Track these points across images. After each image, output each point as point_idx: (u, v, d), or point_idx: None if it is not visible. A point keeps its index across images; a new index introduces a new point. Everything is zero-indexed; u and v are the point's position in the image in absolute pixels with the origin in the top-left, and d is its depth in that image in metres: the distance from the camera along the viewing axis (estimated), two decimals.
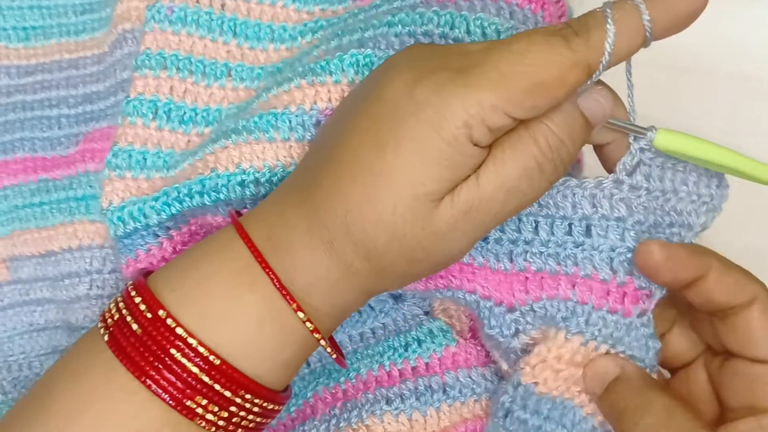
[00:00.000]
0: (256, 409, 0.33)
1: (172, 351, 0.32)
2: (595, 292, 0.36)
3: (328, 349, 0.35)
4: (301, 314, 0.33)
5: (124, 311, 0.34)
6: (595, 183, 0.36)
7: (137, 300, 0.33)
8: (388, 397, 0.40)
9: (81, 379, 0.33)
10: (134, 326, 0.32)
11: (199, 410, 0.32)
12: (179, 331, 0.32)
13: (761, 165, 0.33)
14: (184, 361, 0.32)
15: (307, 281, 0.33)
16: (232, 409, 0.33)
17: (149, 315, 0.32)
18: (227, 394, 0.32)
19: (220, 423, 0.32)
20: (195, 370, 0.32)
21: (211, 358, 0.32)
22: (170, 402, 0.31)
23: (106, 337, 0.33)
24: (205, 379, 0.32)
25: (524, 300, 0.37)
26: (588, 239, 0.36)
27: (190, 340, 0.32)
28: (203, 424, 0.32)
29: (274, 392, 0.34)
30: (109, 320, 0.34)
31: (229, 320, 0.33)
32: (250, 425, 0.34)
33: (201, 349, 0.32)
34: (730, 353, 0.34)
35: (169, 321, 0.32)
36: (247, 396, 0.33)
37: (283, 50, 0.46)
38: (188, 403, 0.32)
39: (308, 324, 0.33)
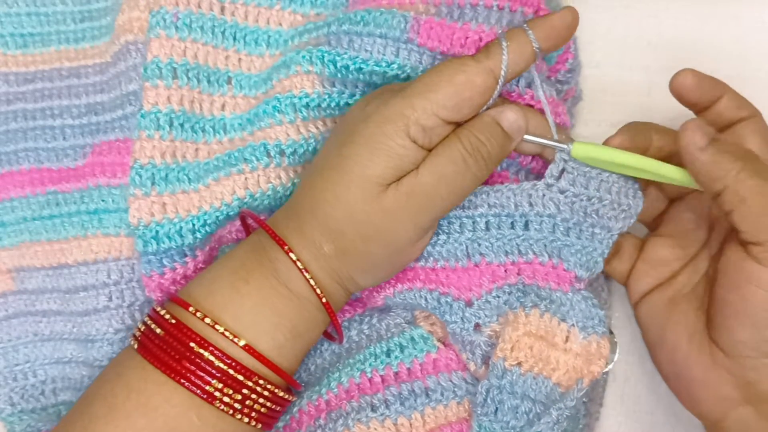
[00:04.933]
0: (266, 393, 0.38)
1: (191, 344, 0.37)
2: (537, 274, 0.41)
3: (316, 287, 0.39)
4: (292, 255, 0.38)
5: (149, 322, 0.39)
6: (531, 185, 0.41)
7: (161, 311, 0.39)
8: (372, 403, 0.41)
9: (119, 381, 0.38)
10: (158, 330, 0.38)
11: (217, 393, 0.37)
12: (201, 316, 0.37)
13: (665, 165, 0.38)
14: (201, 351, 0.37)
15: (286, 266, 0.39)
16: (245, 391, 0.37)
17: (173, 321, 0.38)
18: (240, 377, 0.37)
19: (236, 406, 0.37)
20: (211, 358, 0.37)
21: (234, 339, 0.37)
22: (191, 388, 0.37)
23: (135, 346, 0.39)
24: (220, 365, 0.37)
25: (479, 293, 0.41)
26: (527, 232, 0.41)
27: (208, 321, 0.37)
28: (222, 407, 0.37)
29: (283, 371, 0.39)
30: (137, 333, 0.39)
31: (243, 306, 0.38)
32: (262, 409, 0.38)
33: (218, 330, 0.37)
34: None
35: (191, 309, 0.38)
36: (260, 381, 0.38)
37: (277, 55, 0.47)
38: (207, 387, 0.37)
39: (299, 263, 0.38)
